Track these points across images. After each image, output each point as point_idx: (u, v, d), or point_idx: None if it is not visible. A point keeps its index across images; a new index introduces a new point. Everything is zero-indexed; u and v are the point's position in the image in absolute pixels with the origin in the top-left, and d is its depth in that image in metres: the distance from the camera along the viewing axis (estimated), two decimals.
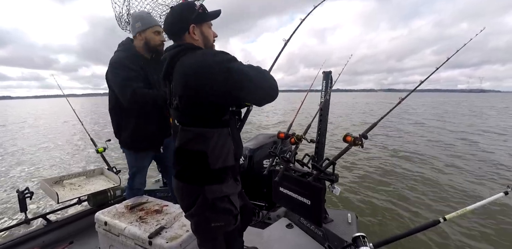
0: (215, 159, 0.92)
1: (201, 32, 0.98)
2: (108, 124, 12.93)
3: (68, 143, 8.69)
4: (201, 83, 0.85)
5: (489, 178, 4.65)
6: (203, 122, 0.92)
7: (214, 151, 0.92)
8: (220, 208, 0.95)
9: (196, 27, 0.96)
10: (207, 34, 1.00)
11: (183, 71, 0.89)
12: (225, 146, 0.95)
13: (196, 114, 0.92)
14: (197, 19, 0.95)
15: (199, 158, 0.93)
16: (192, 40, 0.96)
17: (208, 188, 0.93)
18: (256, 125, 12.37)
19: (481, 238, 2.79)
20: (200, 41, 0.98)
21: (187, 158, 0.96)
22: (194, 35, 0.96)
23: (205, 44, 1.00)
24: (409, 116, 16.07)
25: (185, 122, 0.95)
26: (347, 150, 1.37)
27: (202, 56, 0.88)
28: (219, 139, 0.93)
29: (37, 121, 16.36)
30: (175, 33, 0.98)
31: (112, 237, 1.43)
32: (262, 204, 2.24)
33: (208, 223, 0.96)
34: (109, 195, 2.13)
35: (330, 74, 1.97)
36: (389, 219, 3.22)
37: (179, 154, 0.98)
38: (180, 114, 0.96)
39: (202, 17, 0.97)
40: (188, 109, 0.93)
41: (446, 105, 29.99)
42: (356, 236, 1.23)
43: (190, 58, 0.89)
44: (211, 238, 1.03)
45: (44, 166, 6.02)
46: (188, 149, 0.95)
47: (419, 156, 6.25)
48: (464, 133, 9.59)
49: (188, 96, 0.90)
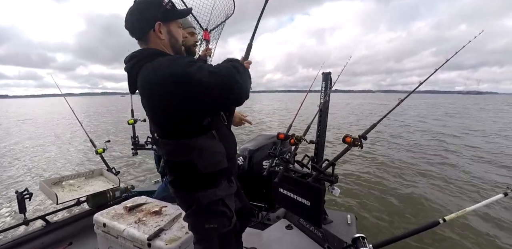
0: (204, 165, 0.89)
1: (168, 31, 0.89)
2: (108, 123, 12.81)
3: (67, 144, 8.68)
4: (162, 97, 0.80)
5: (489, 179, 4.65)
6: (182, 133, 0.88)
7: (201, 158, 0.88)
8: (215, 210, 0.94)
9: (162, 25, 0.87)
10: (175, 33, 0.91)
11: (141, 85, 0.84)
12: (213, 151, 0.91)
13: (172, 126, 0.88)
14: (165, 16, 0.86)
15: (188, 167, 0.89)
16: (157, 39, 0.88)
17: (201, 193, 0.91)
18: (256, 124, 12.37)
19: (481, 239, 2.78)
20: (166, 41, 0.90)
21: (176, 169, 0.94)
22: (160, 34, 0.87)
23: (172, 45, 0.92)
24: (409, 116, 16.08)
25: (162, 135, 0.92)
26: (347, 151, 1.37)
27: (159, 65, 0.80)
28: (204, 146, 0.88)
29: (36, 121, 16.34)
30: (138, 30, 0.88)
31: (111, 239, 1.43)
32: (262, 205, 2.23)
33: (202, 224, 0.96)
34: (109, 196, 2.13)
35: (330, 75, 1.97)
36: (389, 220, 3.22)
37: (168, 166, 0.96)
38: (157, 127, 0.92)
39: (170, 14, 0.88)
40: (161, 122, 0.89)
41: (442, 107, 30.01)
42: (355, 237, 1.23)
43: (148, 69, 0.82)
44: (205, 239, 1.03)
45: (43, 167, 6.01)
46: (174, 161, 0.92)
47: (419, 157, 6.25)
48: (465, 133, 9.60)
49: (154, 110, 0.86)
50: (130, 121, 2.51)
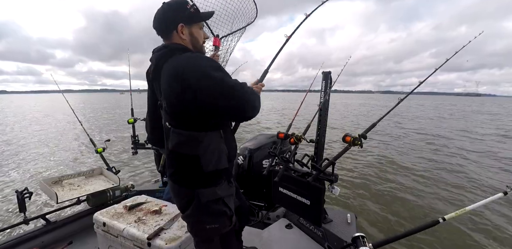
0: (207, 162, 0.91)
1: (190, 33, 0.96)
2: (107, 123, 12.77)
3: (67, 142, 8.68)
4: (185, 87, 0.83)
5: (488, 178, 4.65)
6: (193, 125, 0.91)
7: (206, 154, 0.91)
8: (215, 210, 0.95)
9: (185, 27, 0.93)
10: (196, 35, 0.98)
11: (168, 73, 0.87)
12: (218, 149, 0.94)
13: (184, 117, 0.91)
14: (187, 19, 0.93)
15: (192, 162, 0.91)
16: (179, 39, 0.94)
17: (201, 191, 0.92)
18: (255, 125, 12.37)
19: (481, 238, 2.79)
20: (188, 41, 0.96)
21: (179, 161, 0.95)
22: (182, 35, 0.94)
23: (193, 45, 0.98)
24: (409, 117, 16.08)
25: (174, 124, 0.94)
26: (347, 150, 1.37)
27: (187, 59, 0.86)
28: (211, 142, 0.92)
29: (35, 120, 16.33)
30: (163, 30, 0.95)
31: (111, 238, 1.43)
32: (262, 204, 2.23)
33: (203, 225, 0.96)
34: (109, 195, 2.13)
35: (330, 75, 1.97)
36: (389, 219, 3.22)
37: (171, 157, 0.97)
38: (169, 116, 0.95)
39: (192, 17, 0.95)
40: (176, 111, 0.92)
41: (440, 108, 30.00)
42: (355, 236, 1.23)
43: (175, 60, 0.87)
44: (206, 240, 1.03)
45: (43, 166, 6.01)
46: (180, 152, 0.94)
47: (419, 156, 6.26)
48: (464, 134, 9.60)
49: (173, 99, 0.88)
50: (130, 120, 2.51)
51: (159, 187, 2.52)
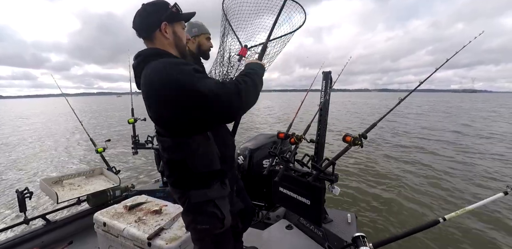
0: (196, 166, 0.91)
1: (174, 31, 0.95)
2: (107, 123, 12.79)
3: (67, 142, 8.68)
4: (160, 100, 0.83)
5: (489, 178, 4.65)
6: (176, 132, 0.91)
7: (193, 158, 0.91)
8: (205, 211, 0.95)
9: (168, 25, 0.92)
10: (180, 34, 0.97)
11: (144, 83, 0.86)
12: (207, 151, 0.93)
13: (166, 126, 0.91)
14: (170, 18, 0.92)
15: (180, 165, 0.92)
16: (163, 38, 0.93)
17: (193, 192, 0.94)
18: (255, 125, 12.37)
19: (481, 238, 2.79)
20: (171, 40, 0.95)
21: (170, 165, 0.96)
22: (166, 34, 0.92)
23: (176, 44, 0.97)
24: (409, 116, 16.08)
25: (160, 132, 0.95)
26: (347, 150, 1.37)
27: (162, 69, 0.80)
28: (198, 146, 0.91)
29: (35, 121, 16.34)
30: (145, 30, 0.93)
31: (111, 238, 1.43)
32: (262, 204, 2.23)
33: (194, 224, 0.97)
34: (109, 195, 2.13)
35: (330, 74, 1.96)
36: (389, 219, 3.22)
37: (163, 160, 0.99)
38: (154, 124, 0.95)
39: (175, 16, 0.94)
40: (157, 122, 0.92)
41: (439, 106, 29.98)
42: (356, 236, 1.23)
43: (149, 68, 0.84)
44: (199, 239, 1.05)
45: (43, 166, 6.02)
46: (168, 157, 0.95)
47: (419, 156, 6.25)
48: (463, 134, 9.60)
49: (153, 110, 0.89)
50: (130, 120, 2.51)
51: (159, 187, 2.52)
